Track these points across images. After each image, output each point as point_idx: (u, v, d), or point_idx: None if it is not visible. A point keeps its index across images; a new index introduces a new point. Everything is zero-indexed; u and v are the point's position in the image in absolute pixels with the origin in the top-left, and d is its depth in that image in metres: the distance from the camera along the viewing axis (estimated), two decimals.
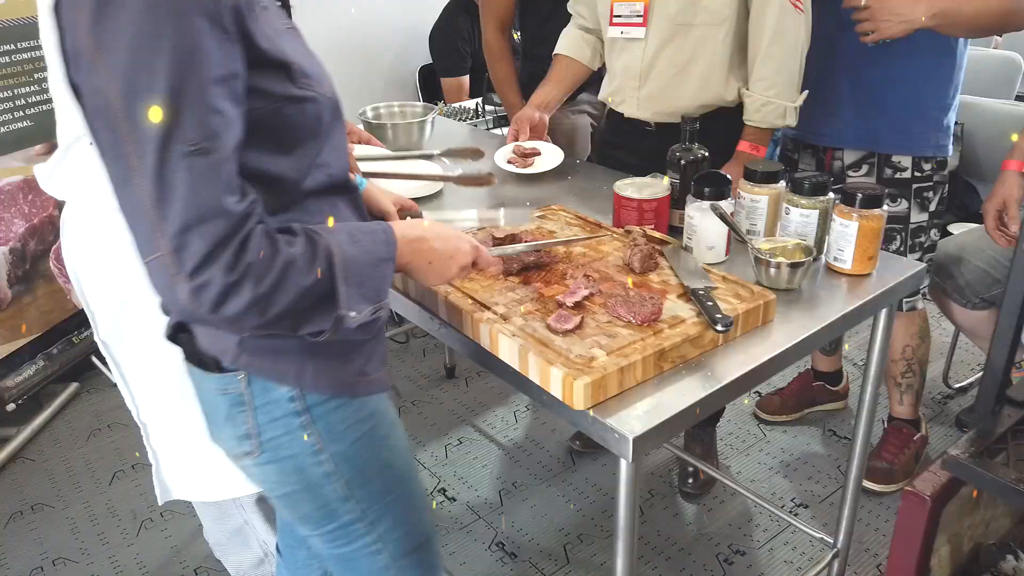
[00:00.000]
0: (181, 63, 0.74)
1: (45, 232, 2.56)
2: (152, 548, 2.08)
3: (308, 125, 0.89)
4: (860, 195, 1.28)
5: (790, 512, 2.09)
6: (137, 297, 1.43)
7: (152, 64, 0.73)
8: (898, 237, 1.95)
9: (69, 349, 2.69)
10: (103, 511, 2.22)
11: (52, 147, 1.34)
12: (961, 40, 1.82)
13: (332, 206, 0.96)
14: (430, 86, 3.85)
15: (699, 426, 2.22)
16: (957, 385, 2.61)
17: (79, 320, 2.69)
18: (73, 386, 2.76)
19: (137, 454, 2.41)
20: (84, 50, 0.76)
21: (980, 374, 2.65)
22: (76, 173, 1.30)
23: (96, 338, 1.50)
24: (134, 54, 0.73)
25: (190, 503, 1.68)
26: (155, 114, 0.73)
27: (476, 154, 1.87)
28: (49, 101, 2.35)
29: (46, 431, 2.58)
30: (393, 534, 1.08)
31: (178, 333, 0.98)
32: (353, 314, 0.87)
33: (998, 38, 4.22)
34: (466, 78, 3.54)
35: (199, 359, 0.97)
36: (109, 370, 1.61)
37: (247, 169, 0.82)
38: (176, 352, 1.43)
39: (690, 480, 2.17)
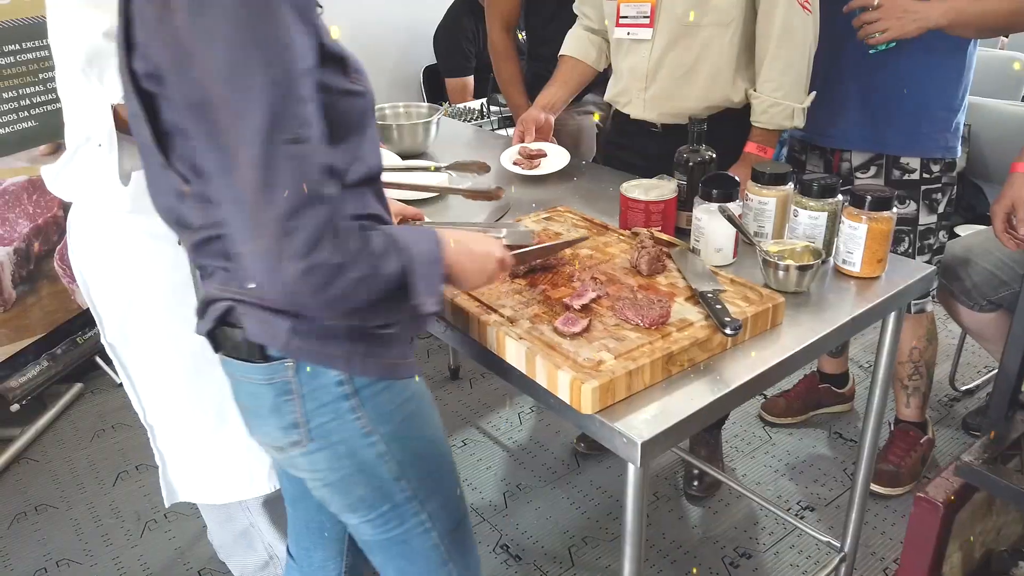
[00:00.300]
0: (278, 55, 0.77)
1: (49, 232, 2.56)
2: (156, 550, 2.07)
3: (356, 119, 0.92)
4: (869, 197, 1.27)
5: (796, 515, 2.08)
6: (144, 299, 1.43)
7: (252, 56, 0.76)
8: (906, 239, 1.94)
9: (73, 349, 2.69)
10: (107, 512, 2.22)
11: (57, 147, 1.35)
12: (971, 41, 1.81)
13: (364, 197, 0.97)
14: (434, 86, 3.85)
15: (704, 428, 2.21)
16: (964, 387, 2.59)
17: (83, 320, 2.69)
18: (77, 386, 2.76)
19: (141, 455, 2.41)
20: (173, 42, 0.78)
21: (987, 376, 2.63)
22: (83, 174, 1.30)
23: (103, 340, 1.50)
24: (233, 47, 0.76)
25: (195, 504, 1.68)
26: (258, 105, 0.76)
27: (482, 169, 1.86)
28: (54, 101, 2.35)
29: (50, 432, 2.58)
30: (440, 512, 1.11)
31: (220, 326, 0.97)
32: (424, 305, 0.92)
33: (1004, 39, 4.21)
34: (470, 78, 3.54)
35: (240, 352, 0.97)
36: (114, 371, 1.61)
37: None
38: (187, 356, 1.44)
39: (695, 483, 2.16)
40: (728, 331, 1.09)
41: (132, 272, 1.42)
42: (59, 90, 1.28)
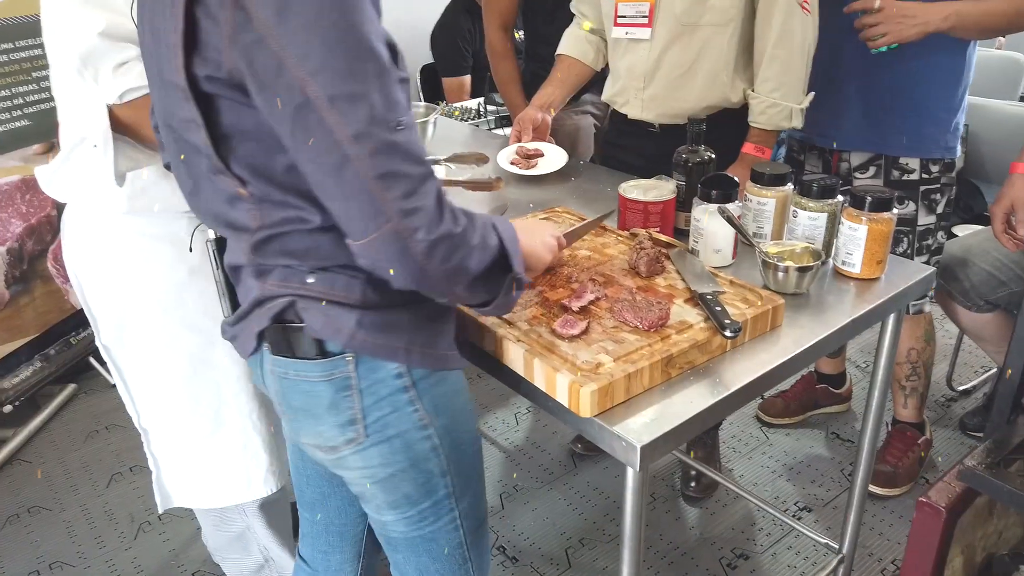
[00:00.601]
0: (372, 46, 0.79)
1: (43, 232, 2.54)
2: (150, 552, 2.06)
3: (406, 105, 0.93)
4: (870, 198, 1.27)
5: (793, 516, 2.07)
6: (140, 302, 1.42)
7: (350, 52, 0.78)
8: (905, 240, 1.94)
9: (67, 350, 2.68)
10: (100, 514, 2.20)
11: (50, 147, 1.33)
12: (970, 41, 1.81)
13: None
14: (431, 86, 3.84)
15: None
16: (961, 388, 2.59)
17: (77, 321, 2.67)
18: (70, 387, 2.74)
19: (135, 456, 2.40)
20: (257, 48, 0.78)
21: (984, 377, 2.63)
22: (78, 175, 1.28)
23: (98, 342, 1.49)
24: (330, 46, 0.77)
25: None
26: (363, 99, 0.78)
27: (481, 160, 1.86)
28: (47, 100, 2.33)
29: (43, 432, 2.57)
30: (470, 509, 1.12)
31: (274, 324, 0.96)
32: (520, 277, 0.97)
33: (1002, 39, 4.21)
34: (467, 78, 3.53)
35: (297, 349, 0.97)
36: (108, 371, 1.59)
37: None
38: (183, 359, 1.42)
39: (692, 483, 2.16)
40: (728, 333, 1.08)
41: (128, 274, 1.40)
42: (53, 90, 1.27)
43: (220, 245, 1.03)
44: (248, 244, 0.94)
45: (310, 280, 0.93)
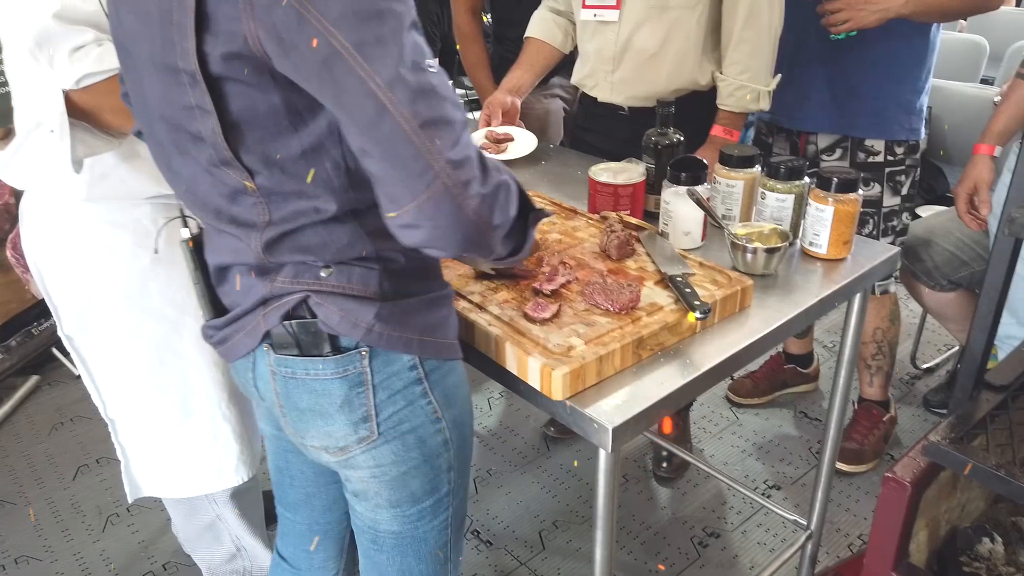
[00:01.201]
0: None
1: (1, 220, 2.48)
2: (119, 544, 2.03)
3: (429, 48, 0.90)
4: (836, 179, 1.28)
5: (763, 494, 2.10)
6: (103, 290, 1.39)
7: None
8: (871, 221, 1.96)
9: (28, 341, 2.62)
10: (67, 507, 2.16)
11: (7, 132, 1.29)
12: (934, 24, 1.83)
13: None
14: None
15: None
16: (925, 366, 2.65)
17: (38, 311, 2.61)
18: (33, 379, 2.68)
19: (102, 448, 2.36)
20: (275, 7, 0.73)
21: (947, 354, 2.69)
22: (35, 161, 1.25)
23: (60, 333, 1.46)
24: None
25: (158, 497, 1.64)
26: (393, 40, 0.74)
27: None
28: (3, 84, 2.26)
29: (6, 426, 2.51)
30: (460, 507, 1.11)
31: (286, 321, 0.92)
32: (542, 209, 0.95)
33: (963, 22, 4.27)
34: (435, 61, 3.49)
35: (308, 347, 0.93)
36: (72, 362, 1.56)
37: None
38: (148, 348, 1.40)
39: (664, 464, 2.18)
40: (698, 314, 1.09)
41: (90, 262, 1.37)
42: (7, 74, 1.23)
43: (196, 244, 0.99)
44: (259, 242, 0.89)
45: (323, 274, 0.89)
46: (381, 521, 1.07)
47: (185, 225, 1.01)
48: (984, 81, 3.39)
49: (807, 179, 1.36)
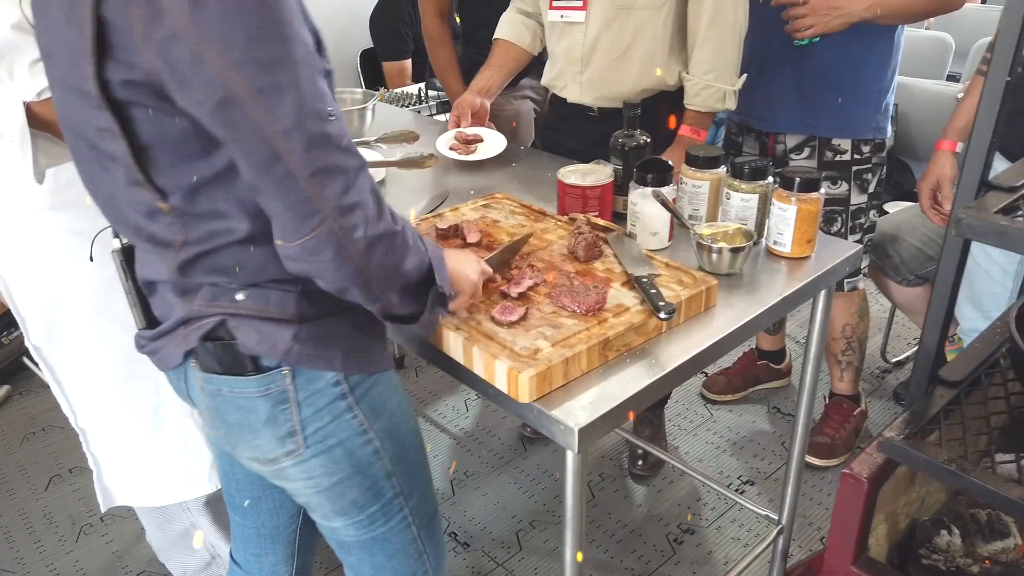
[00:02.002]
0: (294, 33, 0.75)
1: None
2: (93, 554, 2.02)
3: (331, 95, 0.89)
4: (798, 179, 1.30)
5: (737, 490, 2.13)
6: (70, 299, 1.37)
7: (273, 40, 0.74)
8: (839, 219, 1.99)
9: None
10: (39, 518, 2.14)
11: None
12: (898, 25, 1.86)
13: None
14: (371, 70, 3.78)
15: (647, 408, 2.24)
16: (894, 359, 2.69)
17: (7, 320, 2.58)
18: (4, 389, 2.65)
19: (74, 458, 2.33)
20: (173, 44, 0.72)
21: (916, 348, 2.73)
22: None
23: (27, 343, 1.44)
24: (251, 35, 0.72)
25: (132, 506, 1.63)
26: (291, 89, 0.75)
27: (411, 138, 1.86)
28: None
29: None
30: (419, 505, 1.12)
31: (206, 342, 0.92)
32: (445, 287, 0.95)
33: (930, 20, 4.33)
34: (408, 62, 3.49)
35: (229, 367, 0.93)
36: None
37: None
38: (118, 356, 1.39)
39: (639, 462, 2.20)
40: (662, 315, 1.10)
41: (55, 271, 1.36)
42: None
43: (127, 255, 0.98)
44: (173, 263, 0.89)
45: (240, 297, 0.89)
46: (338, 529, 1.08)
47: (116, 235, 1.00)
48: (950, 78, 3.44)
49: (771, 179, 1.38)
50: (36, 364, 2.36)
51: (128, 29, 0.74)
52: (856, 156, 1.94)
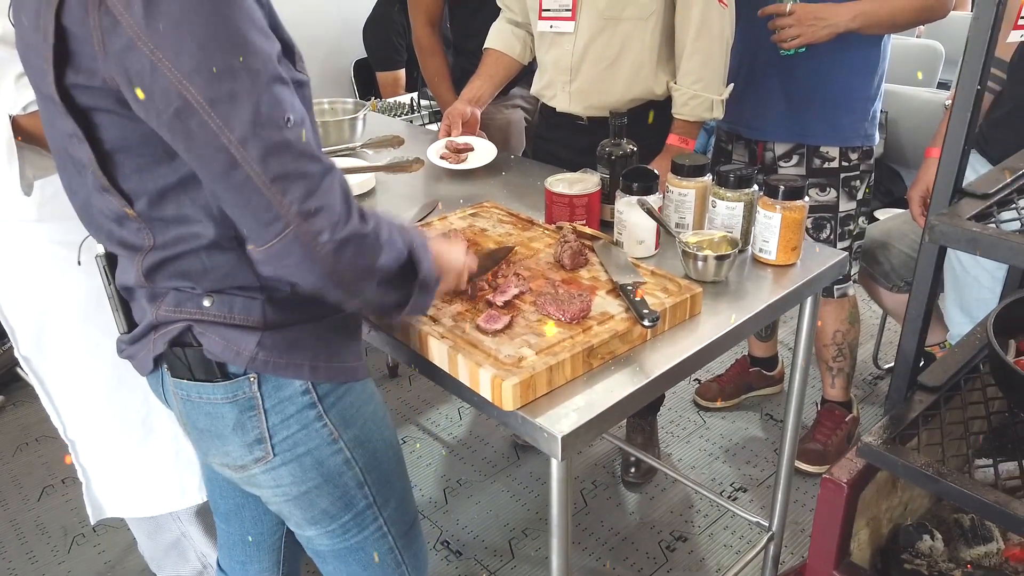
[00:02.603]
0: (251, 43, 0.75)
1: None
2: (85, 564, 2.01)
3: (305, 108, 0.89)
4: (782, 187, 1.31)
5: (729, 497, 2.13)
6: (58, 309, 1.38)
7: (227, 50, 0.74)
8: (828, 225, 2.00)
9: None
10: (31, 528, 2.14)
11: None
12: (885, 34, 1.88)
13: None
14: (365, 80, 3.80)
15: (640, 415, 2.24)
16: (886, 366, 2.69)
17: (1, 331, 2.58)
18: None
19: (67, 468, 2.33)
20: (129, 53, 0.73)
21: None
22: None
23: (16, 354, 1.45)
24: (205, 45, 0.73)
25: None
26: (246, 98, 0.75)
27: (397, 142, 1.87)
28: None
29: None
30: (396, 514, 1.11)
31: (171, 348, 0.94)
32: (428, 279, 0.96)
33: (921, 27, 4.36)
34: (402, 72, 3.51)
35: (197, 373, 0.94)
36: None
37: None
38: (106, 368, 1.39)
39: (632, 469, 2.20)
40: (646, 323, 1.11)
41: (43, 282, 1.37)
42: None
43: (110, 260, 1.00)
44: (139, 268, 0.91)
45: (206, 303, 0.90)
46: (312, 538, 1.09)
47: None
48: (941, 85, 3.46)
49: (756, 187, 1.39)
50: (27, 373, 2.37)
51: (87, 38, 0.75)
52: (844, 163, 1.95)
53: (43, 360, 1.45)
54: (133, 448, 1.51)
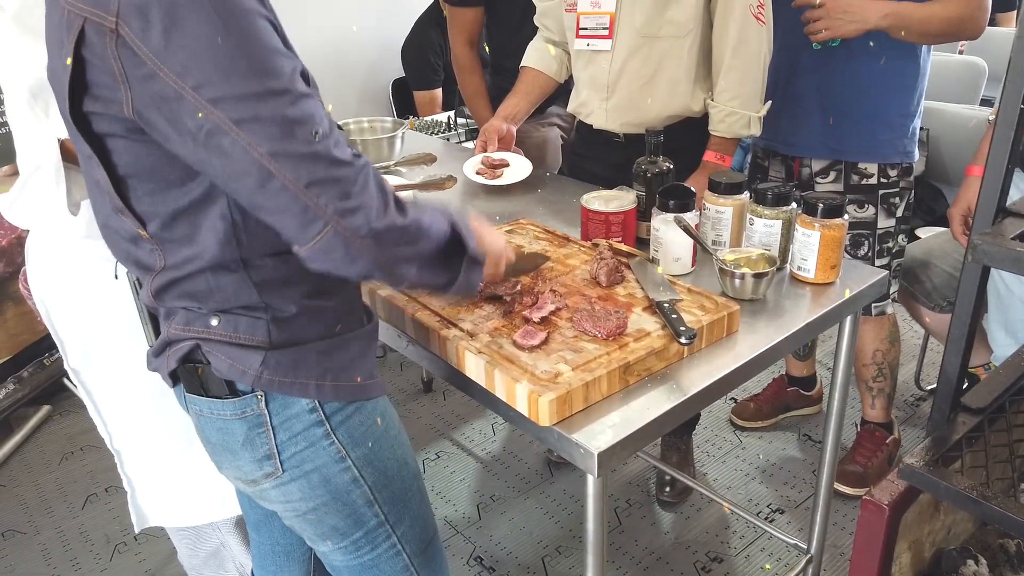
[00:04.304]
0: (273, 63, 0.78)
1: (13, 254, 2.53)
2: (126, 573, 2.05)
3: (318, 115, 0.92)
4: (822, 205, 1.30)
5: (766, 518, 2.10)
6: (105, 324, 1.42)
7: (244, 79, 0.76)
8: (866, 243, 1.98)
9: (40, 371, 2.66)
10: (76, 536, 2.19)
11: (15, 171, 1.33)
12: (924, 47, 1.86)
13: None
14: (403, 99, 3.85)
15: (675, 434, 2.23)
16: (929, 387, 2.63)
17: (50, 342, 2.64)
18: (45, 409, 2.72)
19: (110, 477, 2.38)
20: (151, 83, 0.76)
21: None
22: (36, 202, 1.29)
23: (66, 366, 1.49)
24: (226, 76, 0.76)
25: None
26: (274, 120, 0.78)
27: (429, 160, 1.90)
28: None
29: (17, 455, 2.55)
30: (410, 532, 1.11)
31: (183, 365, 0.97)
32: (478, 258, 1.00)
33: (963, 44, 4.29)
34: (439, 91, 3.55)
35: (207, 389, 0.97)
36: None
37: None
38: (151, 380, 1.42)
39: (667, 488, 2.18)
40: (683, 340, 1.10)
41: (92, 297, 1.41)
42: (8, 119, 1.28)
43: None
44: (149, 288, 0.94)
45: (213, 323, 0.93)
46: (326, 553, 1.10)
47: None
48: (984, 102, 3.40)
49: (794, 205, 1.38)
50: (75, 385, 2.44)
51: (108, 69, 0.78)
52: (883, 180, 1.93)
53: (91, 372, 1.49)
54: (176, 458, 1.54)
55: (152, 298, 0.95)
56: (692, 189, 1.38)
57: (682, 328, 1.12)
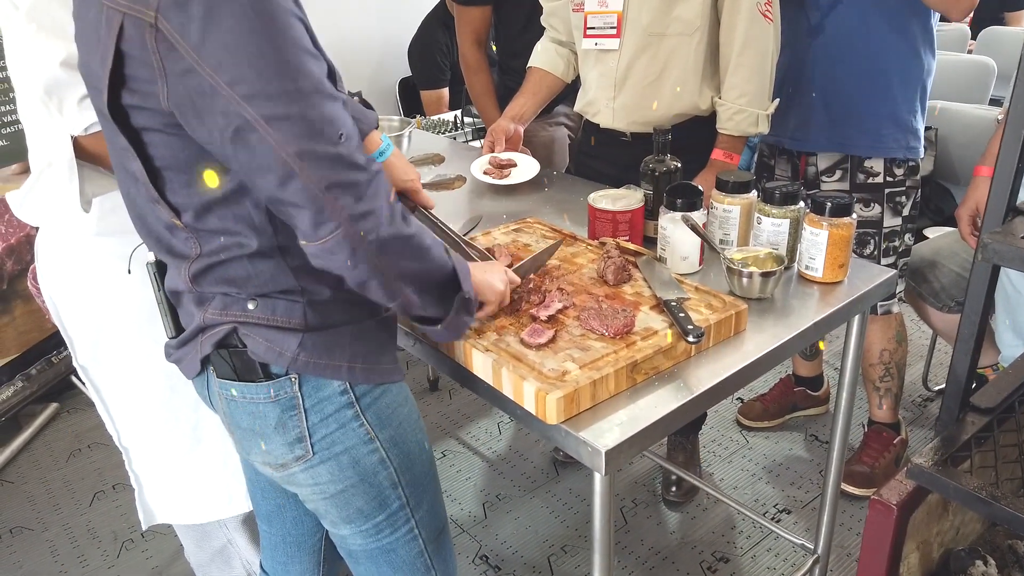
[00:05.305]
0: (300, 69, 0.81)
1: (22, 251, 2.55)
2: (133, 570, 2.06)
3: (342, 117, 0.94)
4: (830, 204, 1.30)
5: (772, 519, 2.09)
6: (115, 321, 1.42)
7: (283, 73, 0.79)
8: (872, 241, 1.97)
9: (48, 369, 2.67)
10: (83, 533, 2.20)
11: (26, 168, 1.34)
12: (928, 45, 1.85)
13: None
14: (410, 99, 3.86)
15: (681, 434, 2.22)
16: (937, 388, 2.63)
17: (58, 340, 2.66)
18: (53, 406, 2.73)
19: (118, 474, 2.39)
20: (188, 78, 0.79)
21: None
22: (48, 200, 1.29)
23: (75, 363, 1.50)
24: (262, 71, 0.78)
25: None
26: (302, 119, 0.81)
27: (437, 160, 1.91)
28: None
29: (25, 452, 2.56)
30: (427, 518, 1.14)
31: (220, 349, 0.98)
32: (469, 292, 1.02)
33: (972, 42, 4.28)
34: (445, 90, 3.55)
35: (241, 373, 0.98)
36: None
37: None
38: (160, 377, 1.43)
39: (673, 488, 2.18)
40: (691, 339, 1.10)
41: (101, 294, 1.41)
42: (21, 116, 1.29)
43: (160, 267, 1.05)
44: (187, 274, 0.96)
45: (250, 307, 0.95)
46: (346, 537, 1.11)
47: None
48: (993, 101, 3.39)
49: (802, 204, 1.38)
50: (83, 383, 2.45)
51: (147, 63, 0.81)
52: (889, 179, 1.93)
53: (99, 369, 1.50)
54: (183, 456, 1.55)
55: (190, 283, 0.96)
56: (700, 188, 1.38)
57: (690, 326, 1.12)
